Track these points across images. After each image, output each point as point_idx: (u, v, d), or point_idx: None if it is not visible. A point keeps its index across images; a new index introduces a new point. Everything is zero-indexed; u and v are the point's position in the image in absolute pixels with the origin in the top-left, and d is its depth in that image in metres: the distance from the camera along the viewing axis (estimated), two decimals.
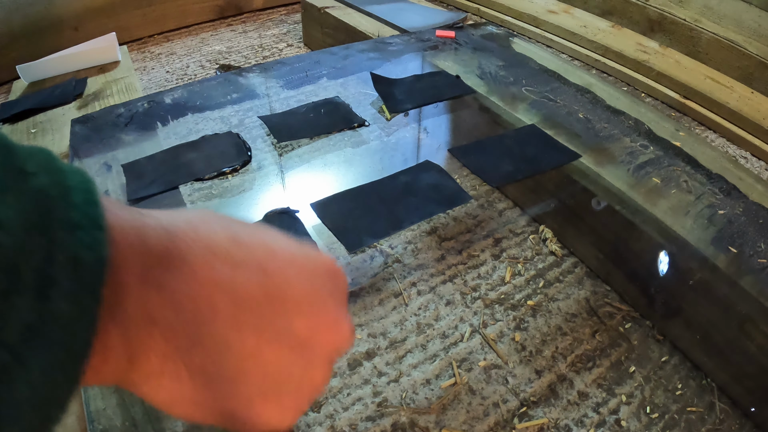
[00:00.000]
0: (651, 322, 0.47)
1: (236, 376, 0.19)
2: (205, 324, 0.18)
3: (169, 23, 1.36)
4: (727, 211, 0.55)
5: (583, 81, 0.81)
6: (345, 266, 0.49)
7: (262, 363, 0.19)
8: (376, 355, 0.42)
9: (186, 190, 0.55)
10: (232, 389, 0.19)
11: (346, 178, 0.58)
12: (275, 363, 0.19)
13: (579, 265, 0.53)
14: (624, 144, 0.65)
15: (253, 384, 0.19)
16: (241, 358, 0.18)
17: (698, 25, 1.12)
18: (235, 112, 0.69)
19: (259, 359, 0.19)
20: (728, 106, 0.97)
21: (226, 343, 0.18)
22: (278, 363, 0.19)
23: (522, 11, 1.35)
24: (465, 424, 0.38)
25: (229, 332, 0.18)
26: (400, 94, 0.74)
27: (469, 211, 0.58)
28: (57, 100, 0.77)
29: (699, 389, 0.42)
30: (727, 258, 0.49)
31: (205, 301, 0.18)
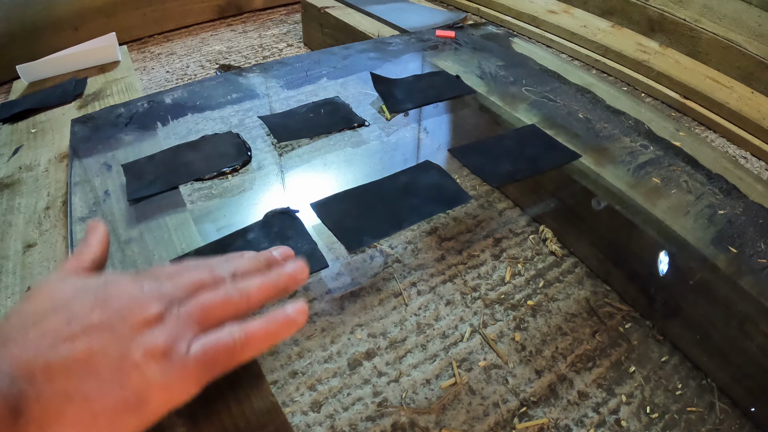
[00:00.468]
0: (651, 322, 0.47)
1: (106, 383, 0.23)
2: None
3: (169, 23, 1.36)
4: (727, 211, 0.55)
5: (583, 81, 0.81)
6: (345, 266, 0.49)
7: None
8: (376, 355, 0.42)
9: (186, 190, 0.55)
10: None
11: (346, 178, 0.58)
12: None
13: (579, 265, 0.53)
14: (624, 144, 0.65)
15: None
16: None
17: (698, 25, 1.12)
18: (235, 112, 0.69)
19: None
20: (728, 106, 0.97)
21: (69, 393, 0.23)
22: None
23: (522, 11, 1.35)
24: (465, 424, 0.38)
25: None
26: (400, 94, 0.74)
27: (469, 211, 0.58)
28: (57, 100, 0.77)
29: (699, 389, 0.42)
30: (727, 258, 0.49)
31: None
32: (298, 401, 0.38)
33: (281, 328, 0.29)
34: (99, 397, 0.23)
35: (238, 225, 0.50)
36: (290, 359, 0.41)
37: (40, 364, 0.23)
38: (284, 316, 0.29)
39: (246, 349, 0.28)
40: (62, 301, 0.26)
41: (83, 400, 0.23)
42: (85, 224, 0.49)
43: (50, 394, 0.22)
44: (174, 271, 0.30)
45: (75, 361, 0.23)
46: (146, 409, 0.25)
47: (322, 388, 0.39)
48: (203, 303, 0.28)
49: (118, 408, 0.24)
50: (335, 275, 0.48)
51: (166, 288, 0.28)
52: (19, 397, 0.21)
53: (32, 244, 0.51)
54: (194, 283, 0.29)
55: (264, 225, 0.49)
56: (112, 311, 0.25)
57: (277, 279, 0.31)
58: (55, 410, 0.22)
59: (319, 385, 0.39)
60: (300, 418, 0.37)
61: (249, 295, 0.30)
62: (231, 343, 0.27)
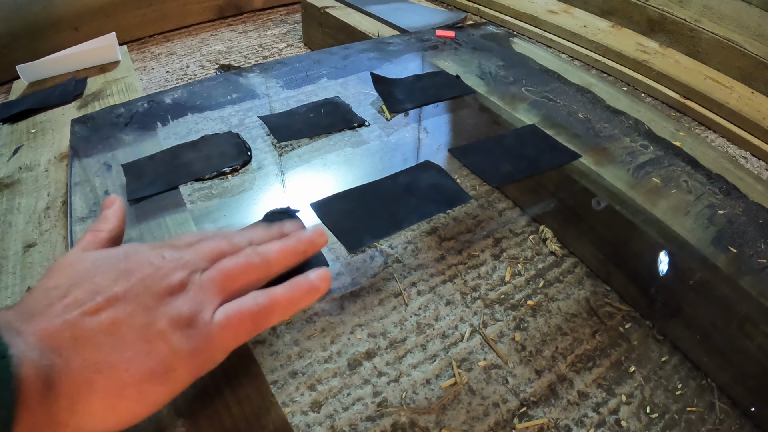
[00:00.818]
0: (651, 322, 0.47)
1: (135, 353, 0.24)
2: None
3: (169, 23, 1.36)
4: (727, 211, 0.55)
5: (583, 81, 0.81)
6: (345, 266, 0.49)
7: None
8: (376, 355, 0.42)
9: (186, 190, 0.55)
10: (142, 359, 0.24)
11: (346, 178, 0.58)
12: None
13: (579, 265, 0.53)
14: (624, 144, 0.65)
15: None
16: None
17: (698, 25, 1.12)
18: (235, 112, 0.69)
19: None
20: (728, 106, 0.97)
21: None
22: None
23: (522, 11, 1.35)
24: (465, 424, 0.38)
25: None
26: (400, 94, 0.74)
27: (469, 211, 0.58)
28: (57, 100, 0.77)
29: (699, 389, 0.42)
30: (727, 258, 0.49)
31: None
32: (298, 401, 0.38)
33: (304, 295, 0.29)
34: (127, 366, 0.23)
35: (238, 225, 0.50)
36: (290, 359, 0.41)
37: (67, 336, 0.23)
38: (307, 282, 0.29)
39: (270, 315, 0.28)
40: (84, 274, 0.26)
41: (112, 371, 0.23)
42: (85, 224, 0.49)
43: (79, 365, 0.22)
44: (193, 239, 0.31)
45: (101, 332, 0.23)
46: (173, 377, 0.25)
47: (322, 388, 0.39)
48: (225, 269, 0.28)
49: (146, 377, 0.24)
50: (335, 275, 0.48)
51: (187, 256, 0.28)
52: (50, 369, 0.21)
53: (32, 244, 0.51)
54: (214, 251, 0.29)
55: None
56: (135, 281, 0.26)
57: (296, 243, 0.31)
58: (84, 381, 0.22)
59: (319, 385, 0.39)
60: (300, 418, 0.37)
61: (269, 260, 0.30)
62: (255, 309, 0.27)
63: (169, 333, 0.25)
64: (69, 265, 0.27)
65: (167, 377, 0.25)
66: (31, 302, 0.24)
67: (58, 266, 0.27)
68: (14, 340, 0.21)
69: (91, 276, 0.25)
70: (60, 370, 0.22)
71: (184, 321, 0.25)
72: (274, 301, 0.28)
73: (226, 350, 0.27)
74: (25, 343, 0.21)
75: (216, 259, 0.29)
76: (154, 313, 0.25)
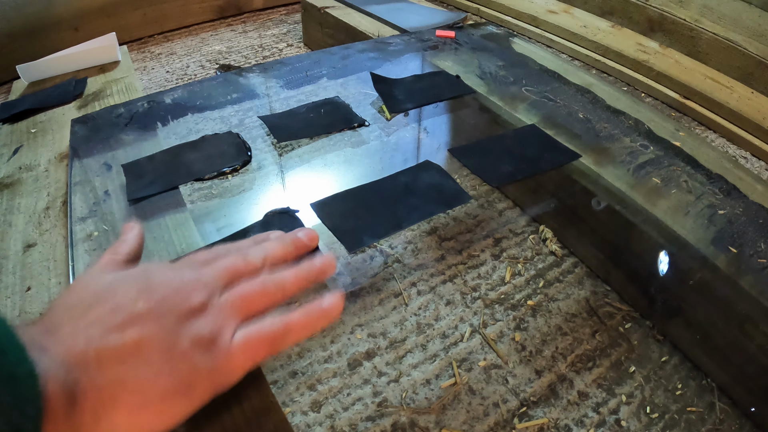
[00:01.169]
0: (651, 322, 0.47)
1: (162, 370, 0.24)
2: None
3: (169, 23, 1.36)
4: (727, 211, 0.55)
5: (583, 81, 0.81)
6: (345, 266, 0.49)
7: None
8: (376, 355, 0.42)
9: (186, 190, 0.55)
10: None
11: (346, 178, 0.58)
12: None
13: (579, 265, 0.53)
14: (624, 144, 0.65)
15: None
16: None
17: (698, 25, 1.12)
18: (235, 112, 0.69)
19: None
20: (728, 106, 0.97)
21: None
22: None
23: (522, 11, 1.35)
24: (465, 424, 0.38)
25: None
26: (400, 94, 0.74)
27: (469, 211, 0.58)
28: (57, 100, 0.77)
29: (699, 389, 0.42)
30: (727, 258, 0.49)
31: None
32: (298, 401, 0.38)
33: (318, 320, 0.31)
34: (151, 384, 0.24)
35: (238, 225, 0.50)
36: (290, 359, 0.41)
37: (92, 352, 0.23)
38: (320, 309, 0.31)
39: (285, 339, 0.29)
40: (105, 292, 0.26)
41: (136, 388, 0.23)
42: (85, 224, 0.49)
43: (104, 381, 0.23)
44: (209, 257, 0.31)
45: (126, 349, 0.24)
46: (194, 394, 0.26)
47: (322, 388, 0.39)
48: (243, 293, 0.29)
49: (169, 394, 0.24)
50: (335, 275, 0.48)
51: (206, 276, 0.29)
52: (75, 385, 0.22)
53: (32, 244, 0.51)
54: (229, 271, 0.30)
55: (264, 225, 0.49)
56: (156, 300, 0.26)
57: (308, 272, 0.32)
58: (109, 397, 0.23)
59: (319, 385, 0.39)
60: (300, 418, 0.37)
61: (284, 287, 0.31)
62: (272, 333, 0.29)
63: (191, 353, 0.26)
64: (89, 283, 0.27)
65: (188, 394, 0.25)
66: (54, 318, 0.24)
67: (77, 284, 0.27)
68: (40, 357, 0.21)
69: (112, 294, 0.26)
70: (85, 387, 0.22)
71: (206, 342, 0.26)
72: (289, 326, 0.30)
73: (243, 370, 0.28)
74: (50, 360, 0.22)
75: (232, 278, 0.30)
76: (177, 333, 0.26)
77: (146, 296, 0.26)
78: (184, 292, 0.27)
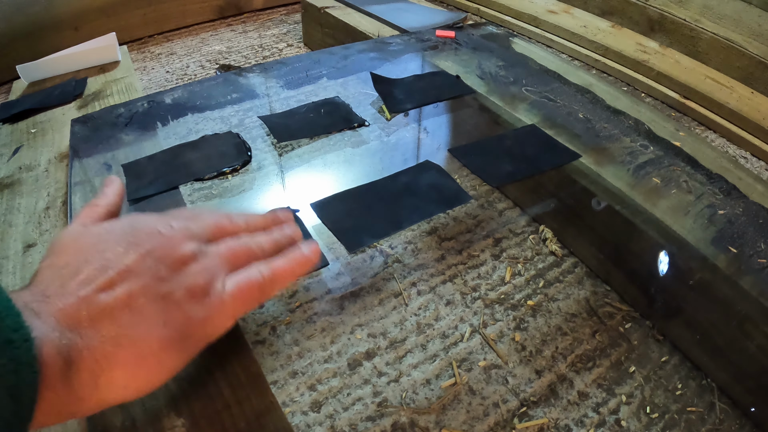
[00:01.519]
0: (651, 322, 0.47)
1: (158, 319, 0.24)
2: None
3: (169, 23, 1.36)
4: (727, 211, 0.55)
5: (583, 81, 0.81)
6: (345, 266, 0.49)
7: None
8: (376, 355, 0.42)
9: (186, 190, 0.55)
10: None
11: (346, 178, 0.58)
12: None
13: (579, 265, 0.53)
14: (624, 144, 0.65)
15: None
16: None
17: (698, 25, 1.12)
18: (235, 112, 0.69)
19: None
20: (728, 106, 0.97)
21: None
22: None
23: (522, 11, 1.35)
24: (465, 424, 0.38)
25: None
26: (400, 94, 0.74)
27: (469, 211, 0.58)
28: (57, 100, 0.77)
29: (699, 389, 0.42)
30: (727, 258, 0.49)
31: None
32: (298, 401, 0.38)
33: (300, 266, 0.32)
34: (145, 338, 0.24)
35: None
36: (290, 359, 0.41)
37: (84, 313, 0.23)
38: (302, 255, 0.32)
39: (273, 285, 0.30)
40: (93, 249, 0.26)
41: (131, 343, 0.23)
42: None
43: (98, 341, 0.23)
44: (194, 213, 0.32)
45: (117, 306, 0.24)
46: (188, 344, 0.26)
47: (322, 388, 0.39)
48: (230, 246, 0.30)
49: (164, 346, 0.24)
50: (335, 275, 0.48)
51: (194, 227, 0.29)
52: (70, 348, 0.22)
53: (32, 244, 0.51)
54: (217, 225, 0.31)
55: None
56: (145, 252, 0.26)
57: (280, 238, 0.34)
58: (104, 356, 0.23)
59: (319, 385, 0.39)
60: (300, 418, 0.37)
61: (263, 248, 0.32)
62: (261, 279, 0.29)
63: (185, 302, 0.25)
64: (74, 241, 0.26)
65: (184, 345, 0.25)
66: (44, 281, 0.24)
67: (62, 242, 0.27)
68: (34, 321, 0.21)
69: (100, 250, 0.25)
70: (80, 348, 0.22)
71: (199, 291, 0.26)
72: (276, 272, 0.30)
73: (235, 317, 0.29)
74: (44, 324, 0.22)
75: (217, 234, 0.31)
76: (169, 283, 0.25)
77: (134, 248, 0.26)
78: (173, 241, 0.27)
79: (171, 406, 0.33)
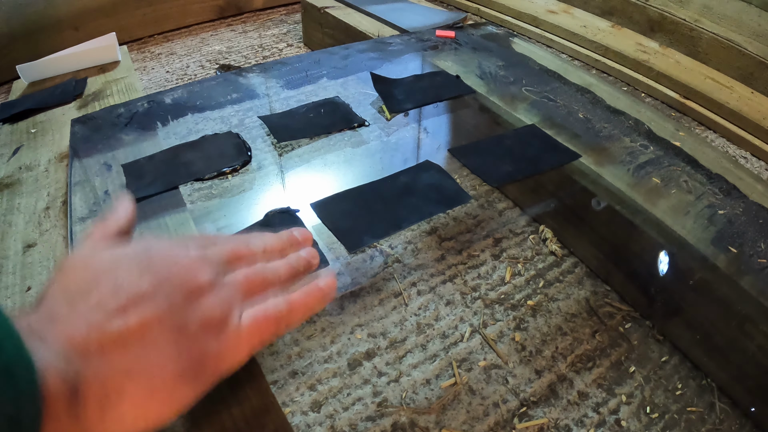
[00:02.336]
0: (651, 322, 0.47)
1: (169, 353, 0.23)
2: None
3: (169, 23, 1.36)
4: (727, 211, 0.55)
5: (583, 81, 0.81)
6: (345, 266, 0.49)
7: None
8: (376, 355, 0.42)
9: (186, 190, 0.55)
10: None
11: (346, 178, 0.58)
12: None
13: (579, 265, 0.53)
14: (624, 144, 0.65)
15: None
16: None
17: (698, 25, 1.12)
18: (235, 112, 0.69)
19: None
20: (728, 106, 0.97)
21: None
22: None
23: (522, 11, 1.35)
24: (465, 424, 0.38)
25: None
26: (400, 94, 0.74)
27: (469, 211, 0.58)
28: (57, 100, 0.77)
29: (699, 389, 0.42)
30: (727, 258, 0.49)
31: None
32: (298, 401, 0.38)
33: (317, 300, 0.31)
34: (158, 370, 0.22)
35: (238, 225, 0.50)
36: (290, 359, 0.41)
37: (93, 340, 0.21)
38: (318, 288, 0.31)
39: (290, 320, 0.29)
40: (104, 271, 0.24)
41: (143, 375, 0.22)
42: (85, 224, 0.49)
43: (108, 371, 0.21)
44: (211, 239, 0.31)
45: (130, 334, 0.22)
46: (202, 378, 0.25)
47: (322, 388, 0.39)
48: (246, 275, 0.29)
49: (177, 380, 0.23)
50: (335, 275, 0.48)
51: (211, 255, 0.28)
52: (76, 377, 0.20)
53: (32, 244, 0.51)
54: (234, 252, 0.30)
55: (264, 225, 0.49)
56: (161, 278, 0.24)
57: (297, 263, 0.33)
58: (114, 388, 0.21)
59: (319, 385, 0.39)
60: (300, 418, 0.37)
61: (280, 275, 0.31)
62: (277, 313, 0.28)
63: (200, 335, 0.24)
64: (85, 263, 0.25)
65: (196, 379, 0.24)
66: (52, 304, 0.23)
67: (73, 264, 0.25)
68: (38, 347, 0.20)
69: (112, 273, 0.24)
70: (87, 378, 0.21)
71: (215, 323, 0.25)
72: (292, 306, 0.29)
73: (251, 350, 0.27)
74: (49, 351, 0.20)
75: (234, 261, 0.30)
76: (184, 313, 0.24)
77: (149, 274, 0.24)
78: (190, 269, 0.26)
79: None
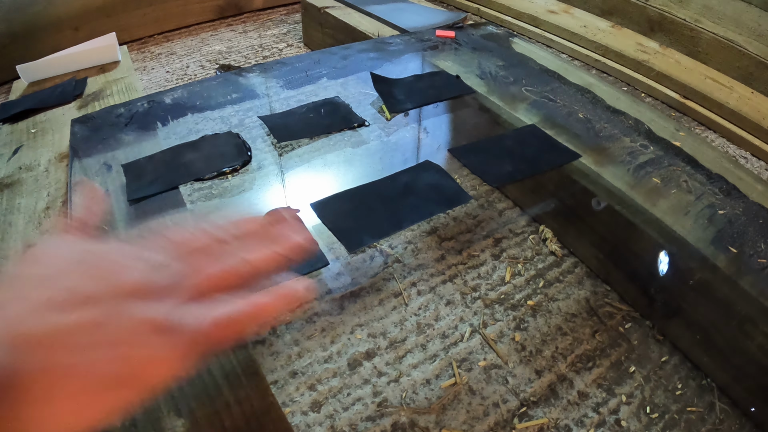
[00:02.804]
0: (651, 322, 0.47)
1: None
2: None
3: (169, 23, 1.36)
4: (727, 211, 0.55)
5: (583, 81, 0.81)
6: (345, 266, 0.49)
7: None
8: (376, 355, 0.42)
9: (186, 190, 0.55)
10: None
11: (346, 178, 0.58)
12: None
13: (579, 265, 0.53)
14: (624, 144, 0.65)
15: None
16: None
17: (698, 25, 1.12)
18: (235, 112, 0.69)
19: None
20: (728, 106, 0.97)
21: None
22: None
23: (522, 11, 1.35)
24: (465, 424, 0.38)
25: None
26: (400, 94, 0.74)
27: (469, 211, 0.58)
28: (57, 100, 0.77)
29: (699, 389, 0.42)
30: (727, 258, 0.49)
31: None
32: (298, 401, 0.38)
33: (287, 305, 0.27)
34: (98, 372, 0.22)
35: None
36: (290, 359, 0.41)
37: (34, 334, 0.21)
38: (292, 291, 0.27)
39: (252, 324, 0.27)
40: (61, 266, 0.24)
41: (79, 375, 0.21)
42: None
43: (43, 367, 0.21)
44: (175, 235, 0.29)
45: (73, 332, 0.22)
46: (146, 384, 0.23)
47: (322, 388, 0.39)
48: (209, 273, 0.27)
49: (118, 383, 0.22)
50: (335, 275, 0.48)
51: (172, 255, 0.27)
52: (9, 370, 0.20)
53: (32, 244, 0.51)
54: (198, 249, 0.28)
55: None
56: (115, 279, 0.24)
57: (282, 249, 0.29)
58: (48, 385, 0.21)
59: (319, 385, 0.39)
60: (300, 418, 0.37)
61: (256, 267, 0.28)
62: (239, 317, 0.26)
63: (150, 338, 0.23)
64: (45, 255, 0.25)
65: (140, 384, 0.23)
66: (8, 291, 0.22)
67: (33, 254, 0.25)
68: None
69: (67, 270, 0.24)
70: (21, 372, 0.20)
71: (167, 326, 0.24)
72: (258, 310, 0.26)
73: (205, 357, 0.26)
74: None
75: (200, 257, 0.27)
76: (135, 315, 0.23)
77: (104, 275, 0.24)
78: (147, 271, 0.25)
79: (171, 406, 0.33)
